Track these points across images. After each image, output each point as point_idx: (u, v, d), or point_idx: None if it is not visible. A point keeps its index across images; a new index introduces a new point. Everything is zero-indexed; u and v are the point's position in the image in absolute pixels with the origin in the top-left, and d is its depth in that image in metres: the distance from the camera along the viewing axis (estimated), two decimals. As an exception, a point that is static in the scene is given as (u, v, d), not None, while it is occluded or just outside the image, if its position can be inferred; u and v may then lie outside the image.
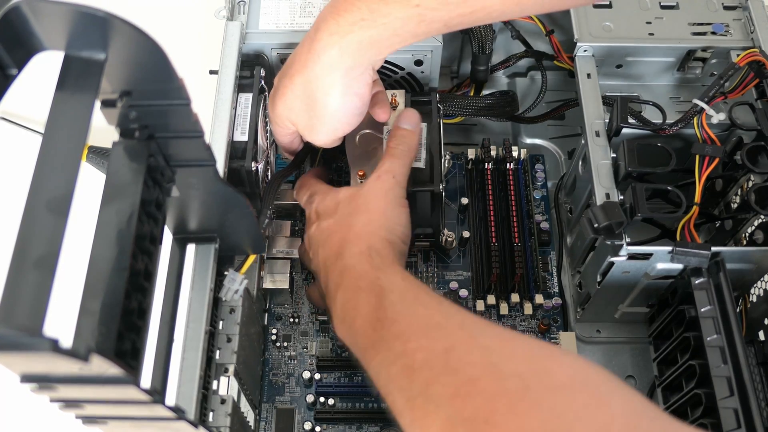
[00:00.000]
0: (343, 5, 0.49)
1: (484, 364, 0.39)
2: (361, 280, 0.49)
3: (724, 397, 0.51)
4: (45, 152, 0.33)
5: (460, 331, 0.43)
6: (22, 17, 0.32)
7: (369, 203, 0.55)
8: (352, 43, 0.49)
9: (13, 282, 0.29)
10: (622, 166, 0.56)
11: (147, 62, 0.36)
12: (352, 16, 0.48)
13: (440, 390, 0.39)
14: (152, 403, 0.36)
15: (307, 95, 0.53)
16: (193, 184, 0.45)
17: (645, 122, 0.59)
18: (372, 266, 0.50)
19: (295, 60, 0.53)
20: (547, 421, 0.35)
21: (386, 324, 0.45)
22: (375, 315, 0.46)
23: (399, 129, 0.59)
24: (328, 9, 0.51)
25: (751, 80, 0.59)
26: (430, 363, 0.41)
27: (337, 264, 0.52)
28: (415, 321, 0.45)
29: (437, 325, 0.43)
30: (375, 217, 0.54)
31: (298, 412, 0.61)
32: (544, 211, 0.70)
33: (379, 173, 0.56)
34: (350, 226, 0.53)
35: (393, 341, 0.44)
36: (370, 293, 0.48)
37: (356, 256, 0.51)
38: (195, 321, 0.48)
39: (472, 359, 0.40)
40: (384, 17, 0.47)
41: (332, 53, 0.50)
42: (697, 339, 0.54)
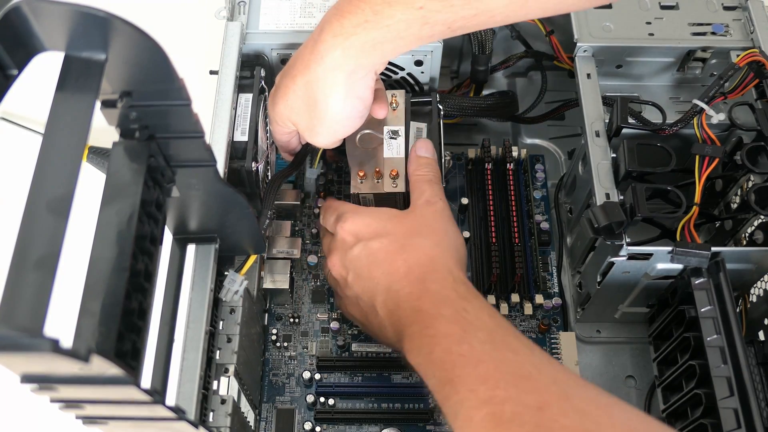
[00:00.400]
0: (347, 7, 0.49)
1: (580, 430, 0.37)
2: (445, 308, 0.47)
3: (724, 398, 0.51)
4: (45, 153, 0.33)
5: (554, 387, 0.40)
6: (22, 17, 0.33)
7: (429, 225, 0.54)
8: (355, 45, 0.49)
9: (14, 282, 0.29)
10: (622, 167, 0.56)
11: (147, 62, 0.36)
12: (356, 18, 0.48)
13: None
14: (152, 403, 0.36)
15: (309, 96, 0.53)
16: (194, 185, 0.45)
17: (645, 122, 0.59)
18: (457, 294, 0.48)
19: (298, 60, 0.53)
20: None
21: (471, 362, 0.43)
22: (458, 349, 0.44)
23: (420, 158, 0.58)
24: (333, 11, 0.50)
25: (751, 80, 0.59)
26: (522, 418, 0.38)
27: (412, 286, 0.49)
28: (503, 367, 0.42)
29: (528, 377, 0.41)
30: (442, 239, 0.53)
31: (298, 412, 0.61)
32: (544, 211, 0.70)
33: (427, 198, 0.55)
34: (417, 247, 0.52)
35: (478, 384, 0.41)
36: (455, 324, 0.45)
37: (440, 281, 0.49)
38: (195, 321, 0.48)
39: (566, 423, 0.38)
40: (388, 19, 0.47)
41: (335, 55, 0.50)
42: (697, 339, 0.54)
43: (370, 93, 0.54)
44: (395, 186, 0.59)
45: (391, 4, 0.47)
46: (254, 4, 0.65)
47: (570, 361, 0.60)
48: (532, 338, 0.64)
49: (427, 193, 0.56)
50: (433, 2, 0.46)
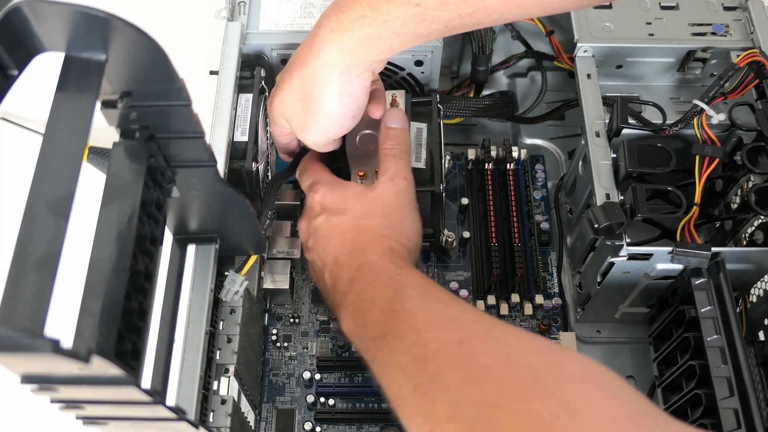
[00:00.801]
0: (345, 2, 0.49)
1: (497, 354, 0.39)
2: (381, 275, 0.49)
3: (724, 398, 0.51)
4: (45, 153, 0.33)
5: (475, 325, 0.43)
6: (22, 18, 0.33)
7: (386, 206, 0.54)
8: (351, 39, 0.49)
9: (14, 283, 0.29)
10: (623, 167, 0.56)
11: (147, 63, 0.36)
12: (353, 12, 0.48)
13: (451, 376, 0.39)
14: (153, 403, 0.36)
15: (304, 91, 0.53)
16: (194, 185, 0.45)
17: (645, 123, 0.59)
18: (393, 264, 0.50)
19: (296, 57, 0.53)
20: (556, 409, 0.35)
21: (401, 315, 0.45)
22: (391, 307, 0.46)
23: (390, 129, 0.58)
24: (332, 7, 0.51)
25: (751, 81, 0.59)
26: (443, 352, 0.41)
27: (353, 259, 0.51)
28: (431, 315, 0.45)
29: (453, 319, 0.44)
30: (394, 222, 0.54)
31: (298, 412, 0.61)
32: (544, 212, 0.70)
33: (390, 175, 0.56)
34: (367, 228, 0.53)
35: (407, 332, 0.44)
36: (389, 287, 0.48)
37: (377, 253, 0.51)
38: (195, 321, 0.48)
39: (485, 350, 0.40)
40: (385, 15, 0.47)
41: (331, 50, 0.50)
42: (697, 339, 0.54)
43: (365, 92, 0.54)
44: (395, 186, 0.59)
45: (388, 0, 0.47)
46: (254, 4, 0.65)
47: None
48: (532, 338, 0.64)
49: (391, 170, 0.56)
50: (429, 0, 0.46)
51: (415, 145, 0.61)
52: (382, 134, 0.59)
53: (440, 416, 0.38)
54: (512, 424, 0.35)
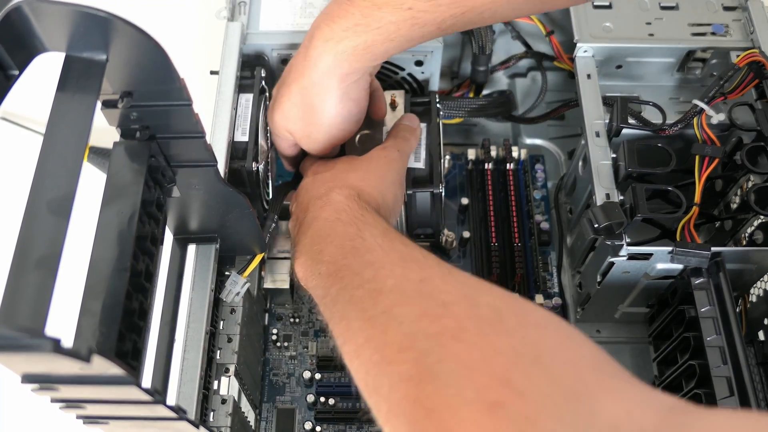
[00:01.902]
0: (336, 11, 0.49)
1: (460, 294, 0.37)
2: (343, 213, 0.47)
3: (724, 397, 0.51)
4: (46, 153, 0.33)
5: (438, 267, 0.41)
6: (23, 18, 0.33)
7: (369, 165, 0.54)
8: (347, 49, 0.49)
9: (15, 283, 0.29)
10: (622, 167, 0.56)
11: (148, 63, 0.36)
12: (345, 21, 0.48)
13: (407, 310, 0.37)
14: (153, 403, 0.36)
15: (305, 103, 0.53)
16: (194, 185, 0.45)
17: (645, 123, 0.59)
18: (359, 205, 0.48)
19: (292, 69, 0.53)
20: (517, 347, 0.33)
21: (360, 252, 0.43)
22: (351, 243, 0.44)
23: (402, 124, 0.59)
24: (322, 16, 0.50)
25: (751, 81, 0.59)
26: (401, 287, 0.39)
27: (319, 200, 0.50)
28: (393, 253, 0.43)
29: (415, 259, 0.42)
30: (372, 177, 0.53)
31: (298, 411, 0.61)
32: (544, 212, 0.70)
33: (385, 146, 0.56)
34: (344, 179, 0.52)
35: (364, 268, 0.42)
36: (350, 225, 0.46)
37: (343, 194, 0.49)
38: (196, 321, 0.49)
39: (446, 288, 0.38)
40: (377, 21, 0.47)
41: (327, 60, 0.50)
42: (696, 339, 0.54)
43: (365, 95, 0.54)
44: (395, 186, 0.59)
45: (380, 6, 0.47)
46: (255, 4, 0.65)
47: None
48: (532, 338, 0.64)
49: (388, 142, 0.56)
50: (420, 2, 0.46)
51: (415, 145, 0.61)
52: (395, 125, 0.59)
53: (391, 346, 0.36)
54: (469, 355, 0.33)
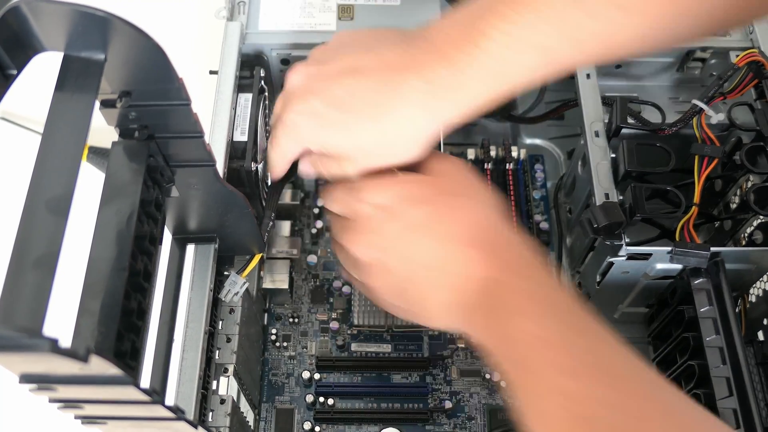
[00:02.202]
0: (452, 53, 0.44)
1: None
2: (518, 280, 0.43)
3: (724, 398, 0.51)
4: (44, 152, 0.33)
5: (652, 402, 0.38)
6: (21, 18, 0.33)
7: (461, 182, 0.48)
8: (440, 86, 0.44)
9: (13, 282, 0.29)
10: (622, 167, 0.56)
11: (147, 62, 0.36)
12: (441, 68, 0.44)
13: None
14: (152, 403, 0.36)
15: (376, 128, 0.46)
16: (193, 185, 0.45)
17: (644, 122, 0.59)
18: (526, 262, 0.44)
19: (364, 66, 0.46)
20: None
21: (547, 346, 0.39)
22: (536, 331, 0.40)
23: None
24: (415, 52, 0.45)
25: (750, 80, 0.59)
26: None
27: (478, 253, 0.44)
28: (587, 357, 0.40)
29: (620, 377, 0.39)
30: (481, 194, 0.48)
31: (297, 412, 0.61)
32: (544, 212, 0.70)
33: (439, 157, 0.49)
34: (463, 207, 0.46)
35: (556, 374, 0.38)
36: (530, 301, 0.42)
37: (505, 247, 0.44)
38: (194, 321, 0.48)
39: None
40: (473, 69, 0.44)
41: (417, 95, 0.45)
42: (696, 339, 0.54)
43: (425, 142, 0.48)
44: (395, 186, 0.59)
45: (484, 32, 0.43)
46: (254, 4, 0.65)
47: None
48: (531, 338, 0.64)
49: (436, 153, 0.49)
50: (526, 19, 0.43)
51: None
52: None
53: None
54: None
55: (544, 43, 0.43)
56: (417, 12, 0.64)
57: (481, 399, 0.61)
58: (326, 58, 0.50)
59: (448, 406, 0.60)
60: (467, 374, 0.62)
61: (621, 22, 0.43)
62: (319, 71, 0.49)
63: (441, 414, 0.60)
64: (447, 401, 0.61)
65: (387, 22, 0.64)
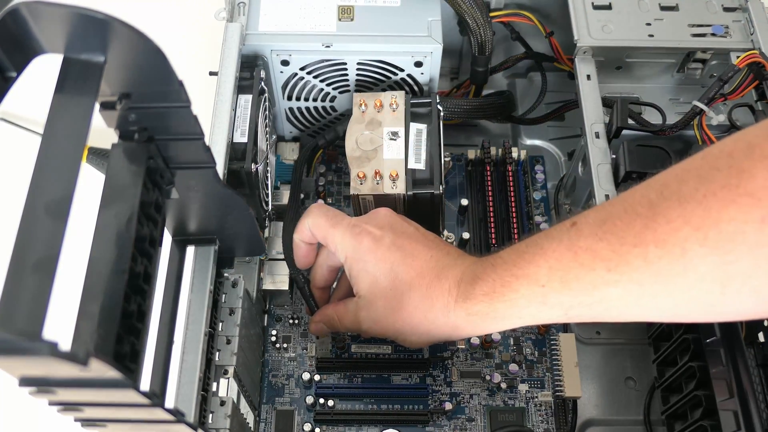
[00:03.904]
0: (480, 271, 0.48)
1: None
2: None
3: (724, 399, 0.51)
4: (44, 155, 0.33)
5: None
6: (21, 20, 0.32)
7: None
8: (480, 312, 0.48)
9: (12, 285, 0.29)
10: (622, 168, 0.56)
11: (146, 64, 0.36)
12: (485, 285, 0.48)
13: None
14: (151, 406, 0.36)
15: (403, 309, 0.52)
16: (193, 186, 0.45)
17: (645, 124, 0.59)
18: None
19: (413, 283, 0.51)
20: None
21: None
22: None
23: None
24: (465, 266, 0.50)
25: (751, 82, 0.59)
26: None
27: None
28: None
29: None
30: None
31: (297, 413, 0.61)
32: (544, 212, 0.70)
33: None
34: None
35: None
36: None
37: None
38: (194, 323, 0.48)
39: None
40: (513, 293, 0.46)
41: (459, 314, 0.49)
42: (696, 341, 0.54)
43: None
44: (395, 187, 0.59)
45: (518, 276, 0.46)
46: (254, 5, 0.65)
47: (570, 363, 0.60)
48: (531, 339, 0.64)
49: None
50: (554, 282, 0.44)
51: (414, 146, 0.61)
52: None
53: None
54: None
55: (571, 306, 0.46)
56: (417, 13, 0.64)
57: (481, 400, 0.61)
58: None
59: (448, 408, 0.60)
60: (467, 375, 0.62)
61: None
62: None
63: (441, 415, 0.60)
64: (447, 402, 0.61)
65: (387, 22, 0.63)
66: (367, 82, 0.67)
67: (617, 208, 0.42)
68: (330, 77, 0.66)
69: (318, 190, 0.70)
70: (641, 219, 0.40)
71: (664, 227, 0.39)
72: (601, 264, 0.42)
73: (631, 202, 0.42)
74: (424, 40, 0.63)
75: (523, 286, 0.46)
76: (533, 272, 0.45)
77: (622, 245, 0.40)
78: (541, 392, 0.62)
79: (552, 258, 0.44)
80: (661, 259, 0.39)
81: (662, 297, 0.40)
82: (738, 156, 0.37)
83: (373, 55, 0.64)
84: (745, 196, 0.36)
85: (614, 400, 0.63)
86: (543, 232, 0.47)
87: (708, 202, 0.37)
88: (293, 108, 0.69)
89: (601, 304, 0.44)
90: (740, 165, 0.36)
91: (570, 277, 0.43)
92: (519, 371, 0.62)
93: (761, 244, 0.36)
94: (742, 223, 0.36)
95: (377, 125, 0.61)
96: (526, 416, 0.61)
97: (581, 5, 0.65)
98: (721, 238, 0.37)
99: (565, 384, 0.59)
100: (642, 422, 0.61)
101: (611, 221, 0.42)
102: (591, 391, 0.63)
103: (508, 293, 0.47)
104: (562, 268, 0.44)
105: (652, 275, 0.40)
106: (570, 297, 0.44)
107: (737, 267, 0.37)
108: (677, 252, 0.38)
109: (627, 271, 0.40)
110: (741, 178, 0.36)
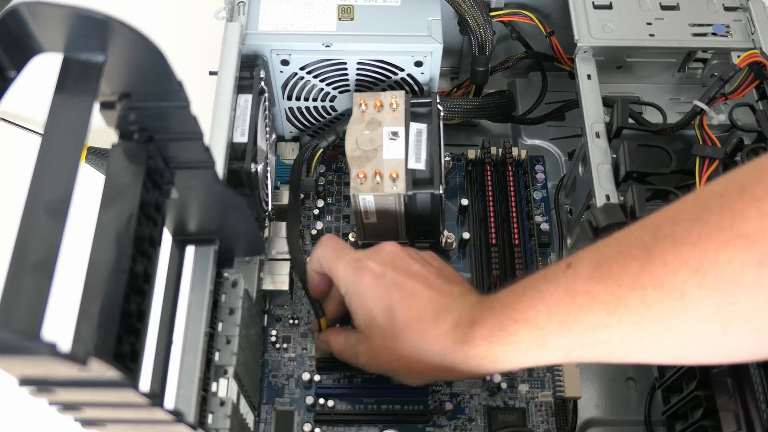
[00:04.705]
0: (479, 317, 0.48)
1: None
2: None
3: (725, 399, 0.51)
4: (44, 154, 0.33)
5: None
6: (20, 19, 0.32)
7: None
8: (477, 355, 0.48)
9: (12, 285, 0.29)
10: (623, 168, 0.56)
11: (146, 64, 0.36)
12: (484, 329, 0.47)
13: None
14: (151, 406, 0.36)
15: (410, 355, 0.51)
16: (193, 186, 0.45)
17: (645, 123, 0.59)
18: None
19: (414, 321, 0.51)
20: None
21: None
22: None
23: None
24: (467, 311, 0.50)
25: (752, 81, 0.59)
26: None
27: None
28: None
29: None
30: None
31: (297, 413, 0.61)
32: (544, 212, 0.70)
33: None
34: None
35: None
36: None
37: None
38: (194, 323, 0.48)
39: None
40: (512, 336, 0.46)
41: (458, 356, 0.49)
42: (697, 341, 0.54)
43: None
44: (395, 187, 0.59)
45: (516, 320, 0.46)
46: (254, 4, 0.64)
47: (569, 363, 0.60)
48: (532, 340, 0.64)
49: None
50: (553, 324, 0.44)
51: (415, 146, 0.61)
52: None
53: None
54: None
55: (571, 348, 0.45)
56: (417, 12, 0.64)
57: (482, 400, 0.61)
58: None
59: (448, 408, 0.60)
60: (468, 376, 0.62)
61: None
62: None
63: (441, 415, 0.60)
64: (447, 402, 0.61)
65: (387, 22, 0.63)
66: (367, 82, 0.67)
67: (612, 250, 0.42)
68: (330, 77, 0.66)
69: (318, 190, 0.70)
70: (637, 262, 0.40)
71: (661, 270, 0.38)
72: (600, 306, 0.41)
73: (626, 244, 0.41)
74: (424, 39, 0.63)
75: (522, 330, 0.46)
76: (531, 316, 0.45)
77: (619, 287, 0.40)
78: (541, 392, 0.61)
79: (550, 302, 0.44)
80: (661, 302, 0.39)
81: (665, 338, 0.40)
82: (729, 197, 0.37)
83: (373, 55, 0.64)
84: (740, 238, 0.35)
85: (615, 401, 0.63)
86: (538, 274, 0.46)
87: (703, 244, 0.37)
88: (293, 108, 0.69)
89: (603, 346, 0.43)
90: (732, 206, 0.36)
91: (570, 319, 0.43)
92: (519, 371, 0.62)
93: (760, 285, 0.35)
94: (740, 265, 0.35)
95: (377, 125, 0.61)
96: (527, 416, 0.61)
97: (581, 5, 0.65)
98: (720, 279, 0.36)
99: (565, 384, 0.59)
100: (642, 422, 0.61)
101: (607, 264, 0.41)
102: (591, 391, 0.63)
103: (507, 337, 0.46)
104: (560, 311, 0.43)
105: (652, 317, 0.39)
106: (570, 339, 0.44)
107: (738, 308, 0.37)
108: (676, 294, 0.38)
109: (627, 312, 0.40)
110: (734, 219, 0.36)
